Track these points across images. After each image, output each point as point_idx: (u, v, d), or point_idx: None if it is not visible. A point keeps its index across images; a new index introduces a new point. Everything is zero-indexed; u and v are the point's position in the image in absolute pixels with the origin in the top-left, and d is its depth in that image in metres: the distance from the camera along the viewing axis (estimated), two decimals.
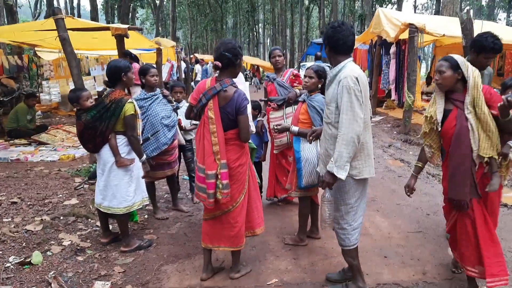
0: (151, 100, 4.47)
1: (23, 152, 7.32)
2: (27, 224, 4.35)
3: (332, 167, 2.77)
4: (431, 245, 4.07)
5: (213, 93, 3.10)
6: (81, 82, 6.11)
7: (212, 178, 3.13)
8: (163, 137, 4.45)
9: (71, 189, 5.50)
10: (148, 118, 4.42)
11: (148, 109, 4.43)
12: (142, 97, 4.46)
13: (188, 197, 5.57)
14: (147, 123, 4.42)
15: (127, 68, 3.84)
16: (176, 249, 4.04)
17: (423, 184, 6.02)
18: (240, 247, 3.38)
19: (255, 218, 3.47)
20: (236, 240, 3.34)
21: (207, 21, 42.00)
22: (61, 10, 6.01)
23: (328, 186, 2.88)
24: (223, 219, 3.32)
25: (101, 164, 3.88)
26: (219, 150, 3.10)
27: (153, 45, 10.92)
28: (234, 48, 3.11)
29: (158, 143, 4.45)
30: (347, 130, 2.70)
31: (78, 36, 8.64)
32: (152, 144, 4.43)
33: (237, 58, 3.14)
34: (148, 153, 4.33)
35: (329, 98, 2.90)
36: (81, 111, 3.83)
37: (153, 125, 4.43)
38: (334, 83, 2.85)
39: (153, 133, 4.42)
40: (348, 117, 2.71)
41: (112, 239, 4.14)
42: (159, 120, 4.44)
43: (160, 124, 4.44)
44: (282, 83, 4.81)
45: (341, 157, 2.73)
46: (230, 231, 3.32)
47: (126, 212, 3.87)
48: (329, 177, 2.81)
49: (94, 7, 24.07)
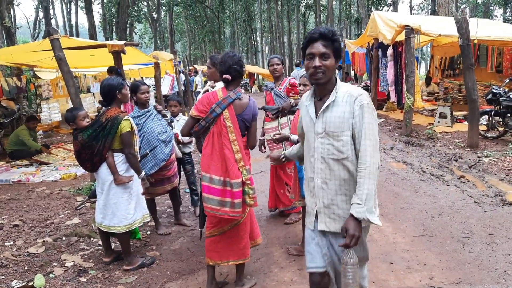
0: (145, 117, 4.46)
1: (24, 173, 7.31)
2: (29, 246, 4.33)
3: (363, 212, 2.05)
4: (436, 248, 4.01)
5: (229, 102, 3.16)
6: (79, 100, 6.11)
7: (239, 186, 3.14)
8: (160, 153, 4.43)
9: (72, 208, 5.48)
10: (144, 135, 4.40)
11: (143, 126, 4.42)
12: (136, 115, 4.45)
13: (191, 210, 5.54)
14: (143, 140, 4.40)
15: (120, 85, 3.83)
16: (179, 265, 4.00)
17: (427, 185, 5.97)
18: (247, 259, 3.40)
19: (255, 228, 3.55)
20: (244, 252, 3.35)
21: (205, 32, 42.10)
22: (56, 30, 6.02)
23: (357, 241, 2.06)
24: (232, 232, 3.30)
25: (100, 183, 3.86)
26: (241, 157, 3.18)
27: (150, 59, 10.95)
28: (240, 60, 3.25)
29: (156, 159, 4.42)
30: (373, 159, 2.11)
31: (76, 54, 8.69)
32: (150, 161, 4.40)
33: (243, 69, 3.28)
34: (146, 171, 4.31)
35: (337, 125, 2.18)
36: (78, 130, 3.82)
37: (149, 142, 4.41)
38: (339, 105, 2.19)
39: (150, 149, 4.40)
40: (372, 143, 2.14)
41: (114, 258, 4.10)
42: (155, 136, 4.42)
43: (157, 140, 4.42)
44: (279, 92, 4.78)
45: (370, 196, 2.08)
46: (239, 243, 3.31)
47: (126, 230, 3.84)
48: (357, 227, 2.05)
49: (92, 24, 24.22)
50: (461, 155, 7.53)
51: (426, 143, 8.71)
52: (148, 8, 43.30)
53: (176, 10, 44.30)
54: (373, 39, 12.15)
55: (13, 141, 8.45)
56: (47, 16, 24.54)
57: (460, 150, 7.96)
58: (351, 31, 36.94)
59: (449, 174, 6.49)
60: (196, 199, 5.42)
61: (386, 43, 10.17)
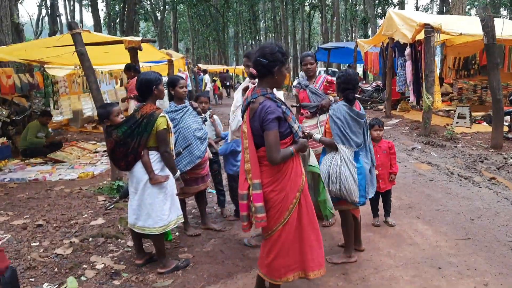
0: (182, 112, 4.30)
1: (40, 171, 7.14)
2: (56, 247, 4.16)
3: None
4: (484, 252, 3.85)
5: (246, 105, 2.87)
6: (100, 97, 5.95)
7: (244, 199, 2.86)
8: (196, 150, 4.28)
9: (95, 208, 5.32)
10: (180, 131, 4.25)
11: (180, 121, 4.26)
12: (173, 109, 4.30)
13: (217, 211, 5.37)
14: (179, 136, 4.25)
15: (158, 81, 3.67)
16: (216, 268, 3.82)
17: (458, 187, 5.80)
18: (275, 282, 2.92)
19: (309, 260, 2.92)
20: (270, 271, 2.92)
21: (209, 32, 41.98)
22: (77, 24, 5.85)
23: None
24: (264, 242, 2.99)
25: (134, 182, 3.70)
26: (250, 169, 2.79)
27: (164, 56, 10.78)
28: (272, 53, 2.73)
29: (192, 156, 4.27)
30: None
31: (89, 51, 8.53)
32: (185, 158, 4.24)
33: (274, 64, 2.74)
34: (181, 168, 4.15)
35: None
36: (111, 127, 3.65)
37: (185, 138, 4.25)
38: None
39: (186, 146, 4.24)
40: None
41: (147, 260, 3.93)
42: (192, 132, 4.27)
43: (193, 137, 4.27)
44: (316, 90, 4.61)
45: None
46: (265, 258, 2.94)
47: (162, 231, 3.68)
48: None
49: (97, 21, 24.09)
50: (486, 156, 7.37)
51: (447, 144, 8.54)
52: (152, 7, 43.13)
53: (179, 8, 44.14)
54: (387, 38, 11.99)
55: (24, 137, 8.26)
56: (54, 13, 24.34)
57: (483, 151, 7.80)
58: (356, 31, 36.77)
59: (478, 176, 6.33)
60: (223, 199, 5.26)
61: (406, 41, 9.99)
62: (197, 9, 40.82)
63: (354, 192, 3.46)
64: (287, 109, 2.82)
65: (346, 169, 3.45)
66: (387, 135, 9.56)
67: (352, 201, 3.50)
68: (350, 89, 3.58)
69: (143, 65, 12.22)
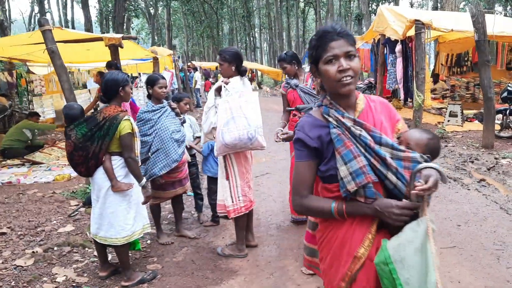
0: (160, 112, 4.10)
1: (15, 174, 6.88)
2: (17, 258, 3.92)
3: None
4: (469, 262, 3.62)
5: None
6: (73, 96, 5.68)
7: None
8: (174, 153, 4.07)
9: (66, 213, 5.07)
10: (157, 132, 4.04)
11: (157, 122, 4.05)
12: (150, 109, 4.08)
13: (194, 216, 5.13)
14: (156, 138, 4.03)
15: (125, 82, 3.43)
16: (184, 280, 3.58)
17: (446, 190, 5.58)
18: None
19: None
20: None
21: (203, 28, 41.57)
22: (48, 21, 5.58)
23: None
24: None
25: (95, 189, 3.45)
26: None
27: (149, 54, 10.50)
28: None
29: (168, 160, 4.05)
30: None
31: (71, 49, 8.25)
32: (161, 161, 4.03)
33: None
34: (156, 172, 3.98)
35: None
36: (70, 127, 3.40)
37: (162, 140, 4.04)
38: None
39: (156, 149, 4.02)
40: None
41: (111, 272, 3.69)
42: (169, 134, 4.06)
43: (170, 139, 4.06)
44: (307, 89, 4.32)
45: None
46: None
47: (125, 242, 3.43)
48: None
49: (88, 18, 23.66)
50: (477, 156, 7.16)
51: None
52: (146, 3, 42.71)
53: (173, 5, 43.77)
54: (379, 34, 11.74)
55: (13, 136, 7.96)
56: (42, 10, 23.97)
57: (474, 150, 7.59)
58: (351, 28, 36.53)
59: (468, 177, 6.11)
60: (201, 204, 5.03)
61: (397, 38, 9.75)
62: (191, 5, 40.47)
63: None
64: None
65: None
66: None
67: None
68: None
69: (128, 62, 11.97)
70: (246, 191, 3.83)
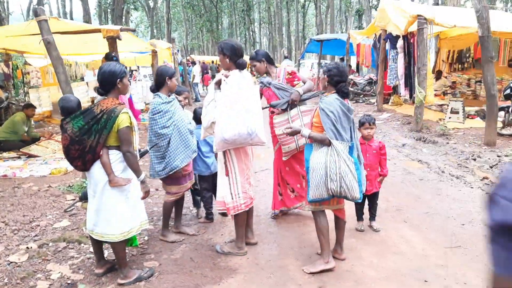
0: (175, 104, 4.03)
1: (11, 167, 6.76)
2: (10, 254, 3.82)
3: None
4: (474, 263, 3.53)
5: None
6: (69, 89, 5.55)
7: None
8: (192, 144, 4.05)
9: (62, 208, 4.97)
10: (175, 124, 3.94)
11: (174, 113, 3.96)
12: (166, 101, 3.95)
13: (193, 212, 5.03)
14: (175, 130, 3.94)
15: (123, 73, 3.32)
16: (182, 278, 3.49)
17: (449, 187, 5.50)
18: None
19: None
20: None
21: (203, 22, 41.35)
22: (44, 11, 5.44)
23: None
24: None
25: (92, 184, 3.35)
26: None
27: (148, 47, 10.36)
28: None
29: (188, 151, 4.01)
30: None
31: (68, 41, 8.11)
32: (181, 153, 3.96)
33: None
34: (178, 164, 3.92)
35: None
36: (66, 120, 3.29)
37: (180, 132, 3.96)
38: None
39: (182, 140, 3.98)
40: None
41: (107, 269, 3.59)
42: (185, 126, 4.01)
43: (187, 131, 4.01)
44: (280, 85, 4.30)
45: None
46: None
47: (122, 239, 3.34)
48: None
49: (86, 10, 23.48)
50: (479, 153, 7.06)
51: (439, 140, 8.23)
52: None
53: None
54: (381, 30, 11.63)
55: (8, 128, 7.85)
56: (40, 2, 23.73)
57: (476, 148, 7.50)
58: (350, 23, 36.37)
59: (470, 175, 6.03)
60: (199, 199, 4.93)
61: (399, 33, 9.64)
62: None
63: (355, 188, 3.23)
64: None
65: (345, 165, 3.21)
66: (378, 130, 9.23)
67: (353, 198, 3.28)
68: (343, 82, 3.40)
69: (126, 55, 11.82)
70: (246, 187, 3.74)
